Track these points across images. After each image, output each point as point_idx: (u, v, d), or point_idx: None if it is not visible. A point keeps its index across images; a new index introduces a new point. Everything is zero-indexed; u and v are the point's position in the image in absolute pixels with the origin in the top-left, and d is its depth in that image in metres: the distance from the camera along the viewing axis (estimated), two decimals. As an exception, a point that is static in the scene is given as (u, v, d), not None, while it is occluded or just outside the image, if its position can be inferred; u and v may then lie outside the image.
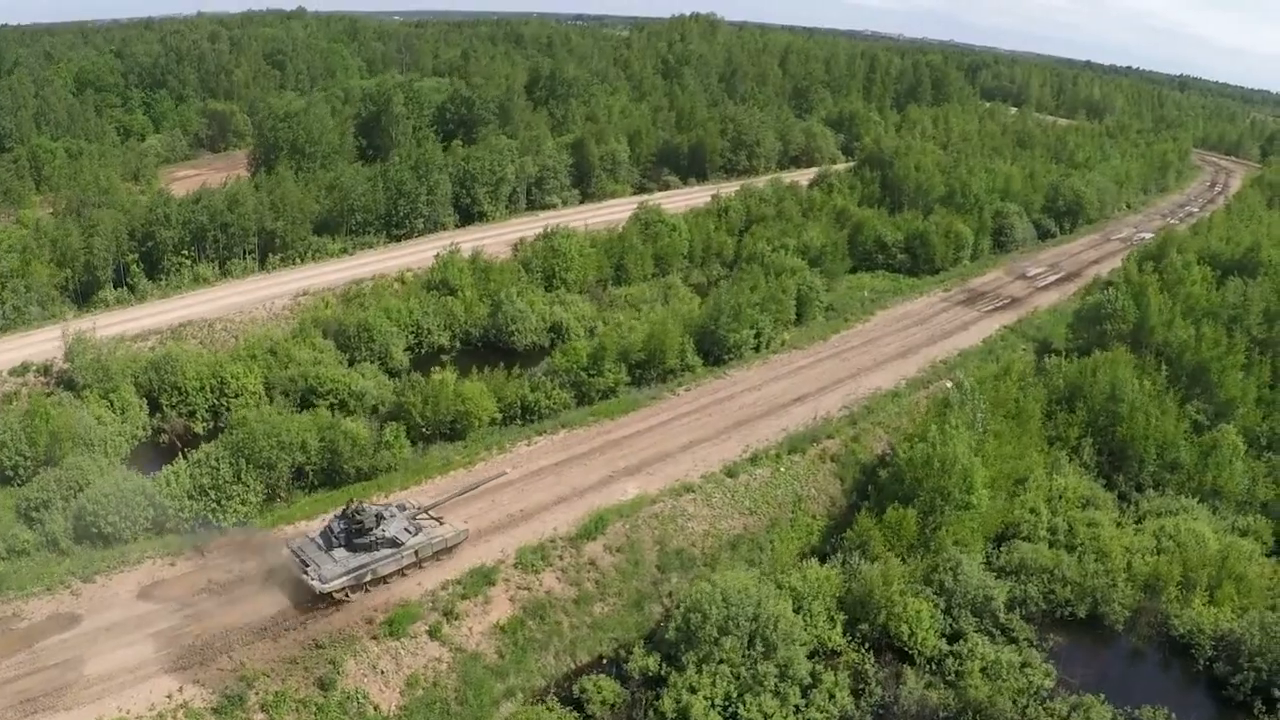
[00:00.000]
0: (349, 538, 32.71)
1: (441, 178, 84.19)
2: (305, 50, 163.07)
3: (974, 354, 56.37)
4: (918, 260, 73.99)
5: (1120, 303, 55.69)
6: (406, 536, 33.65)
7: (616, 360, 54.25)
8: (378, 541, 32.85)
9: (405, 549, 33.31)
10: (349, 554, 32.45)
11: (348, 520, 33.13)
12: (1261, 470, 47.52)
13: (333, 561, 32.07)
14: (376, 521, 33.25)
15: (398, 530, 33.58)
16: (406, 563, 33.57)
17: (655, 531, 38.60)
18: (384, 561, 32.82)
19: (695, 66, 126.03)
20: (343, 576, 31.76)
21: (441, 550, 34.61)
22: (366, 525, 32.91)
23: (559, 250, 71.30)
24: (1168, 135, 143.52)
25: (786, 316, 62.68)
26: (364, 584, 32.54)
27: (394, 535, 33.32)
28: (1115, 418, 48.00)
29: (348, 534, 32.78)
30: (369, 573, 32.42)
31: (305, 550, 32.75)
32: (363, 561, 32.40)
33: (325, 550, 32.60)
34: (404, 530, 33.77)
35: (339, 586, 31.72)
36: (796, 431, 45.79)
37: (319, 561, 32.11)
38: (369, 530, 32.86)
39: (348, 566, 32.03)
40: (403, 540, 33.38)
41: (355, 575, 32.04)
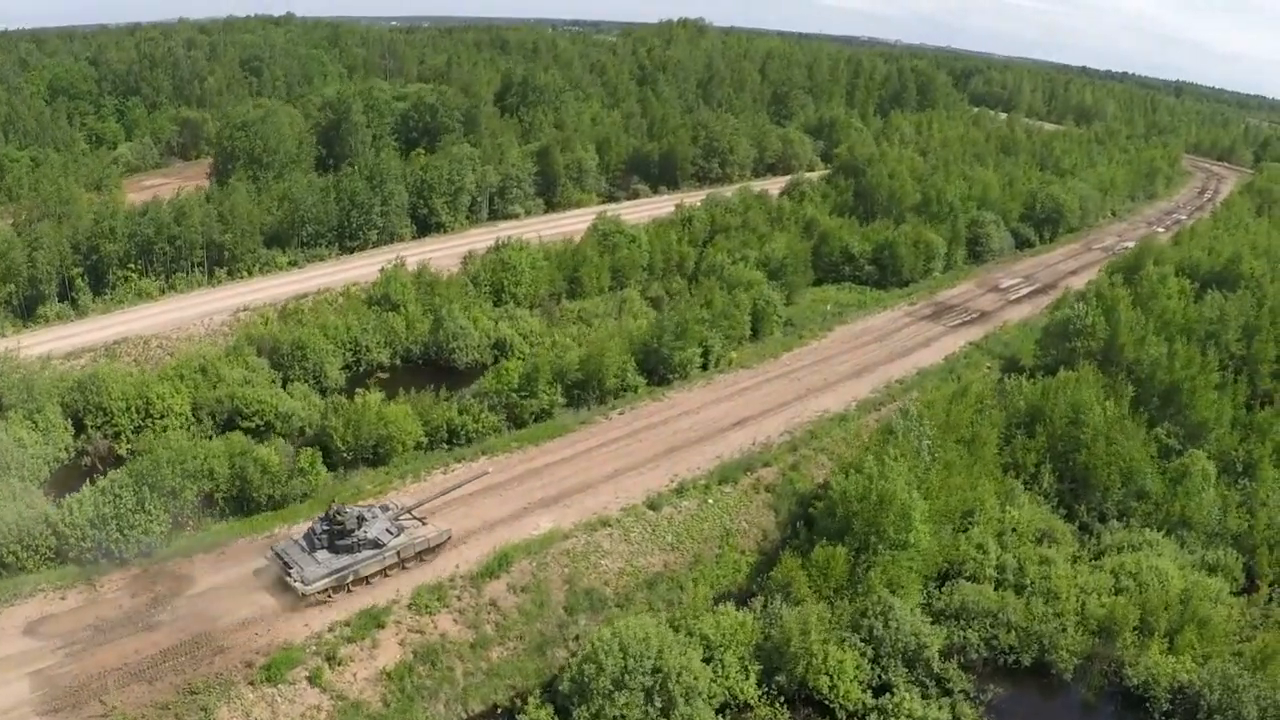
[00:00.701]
0: (331, 539, 32.88)
1: (397, 188, 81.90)
2: (283, 57, 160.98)
3: (934, 373, 53.24)
4: (885, 272, 70.93)
5: (1090, 318, 52.51)
6: (388, 537, 33.80)
7: (551, 381, 51.75)
8: (360, 543, 33.01)
9: (387, 550, 33.44)
10: (332, 555, 32.66)
11: (330, 522, 33.27)
12: (1234, 499, 44.23)
13: (315, 563, 32.29)
14: (358, 523, 33.43)
15: (379, 531, 33.71)
16: (389, 563, 33.65)
17: (565, 569, 35.91)
18: (366, 562, 32.99)
19: (673, 73, 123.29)
20: (325, 578, 31.95)
21: (424, 550, 34.64)
22: (348, 527, 33.06)
23: (508, 263, 68.68)
24: (1158, 141, 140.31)
25: (740, 332, 59.76)
26: (347, 584, 32.62)
27: (376, 536, 33.47)
28: (1077, 443, 44.85)
29: (330, 535, 32.92)
30: (351, 574, 32.59)
31: (288, 552, 32.92)
32: (345, 563, 32.54)
33: (308, 552, 32.78)
34: (386, 531, 33.90)
35: (321, 588, 31.86)
36: (731, 459, 42.83)
37: (302, 563, 32.29)
38: (351, 532, 32.99)
39: (330, 568, 32.22)
40: (385, 541, 33.54)
41: (338, 576, 32.23)
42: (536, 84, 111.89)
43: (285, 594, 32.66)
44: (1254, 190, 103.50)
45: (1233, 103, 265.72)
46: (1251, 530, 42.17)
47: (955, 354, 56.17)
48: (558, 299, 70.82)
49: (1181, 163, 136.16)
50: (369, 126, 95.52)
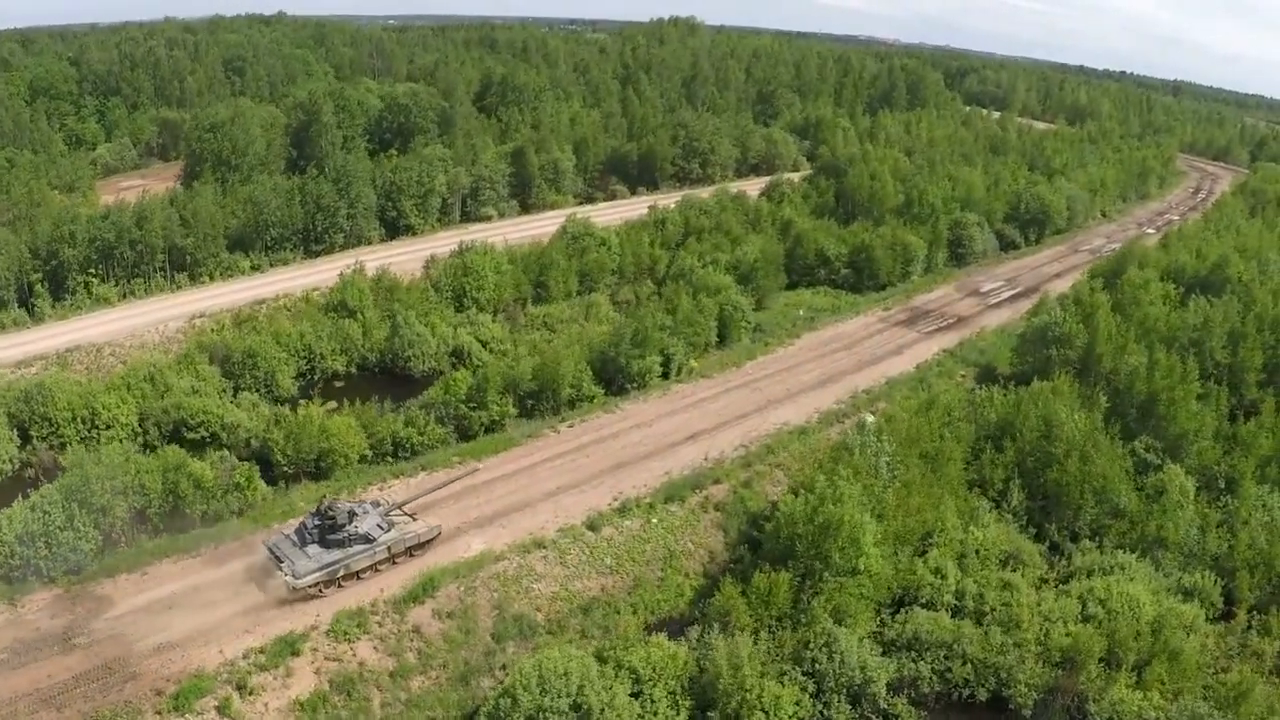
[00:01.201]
0: (322, 534, 33.08)
1: (364, 190, 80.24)
2: (267, 56, 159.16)
3: (903, 382, 50.96)
4: (861, 276, 68.64)
5: (1067, 325, 50.18)
6: (379, 532, 33.95)
7: (502, 392, 49.90)
8: (351, 538, 33.19)
9: (378, 545, 33.58)
10: (323, 550, 32.85)
11: (321, 517, 33.56)
12: (1214, 518, 41.88)
13: (306, 558, 32.48)
14: (349, 518, 33.65)
15: (370, 526, 33.86)
16: (380, 558, 33.75)
17: (495, 594, 34.07)
18: (357, 557, 33.15)
19: (657, 72, 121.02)
20: (316, 572, 32.15)
21: (415, 546, 34.70)
22: (339, 522, 33.30)
23: (471, 268, 66.75)
24: (1152, 140, 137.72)
25: (705, 339, 57.63)
26: (338, 579, 32.77)
27: (367, 531, 33.64)
28: (1049, 458, 42.55)
29: (321, 530, 33.15)
30: (342, 568, 32.80)
31: (280, 547, 33.15)
32: (336, 557, 32.75)
33: (299, 547, 32.96)
34: (377, 526, 34.03)
35: (312, 582, 32.04)
36: (680, 476, 40.71)
37: (293, 558, 32.49)
38: (342, 526, 33.20)
39: (321, 562, 32.41)
40: (375, 536, 33.69)
41: (329, 571, 32.46)
42: (516, 84, 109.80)
43: (201, 616, 31.54)
44: (1247, 190, 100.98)
45: (1231, 102, 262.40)
46: (1232, 551, 39.76)
47: (927, 362, 53.84)
48: (523, 304, 68.98)
49: (1176, 162, 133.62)
50: (340, 128, 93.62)
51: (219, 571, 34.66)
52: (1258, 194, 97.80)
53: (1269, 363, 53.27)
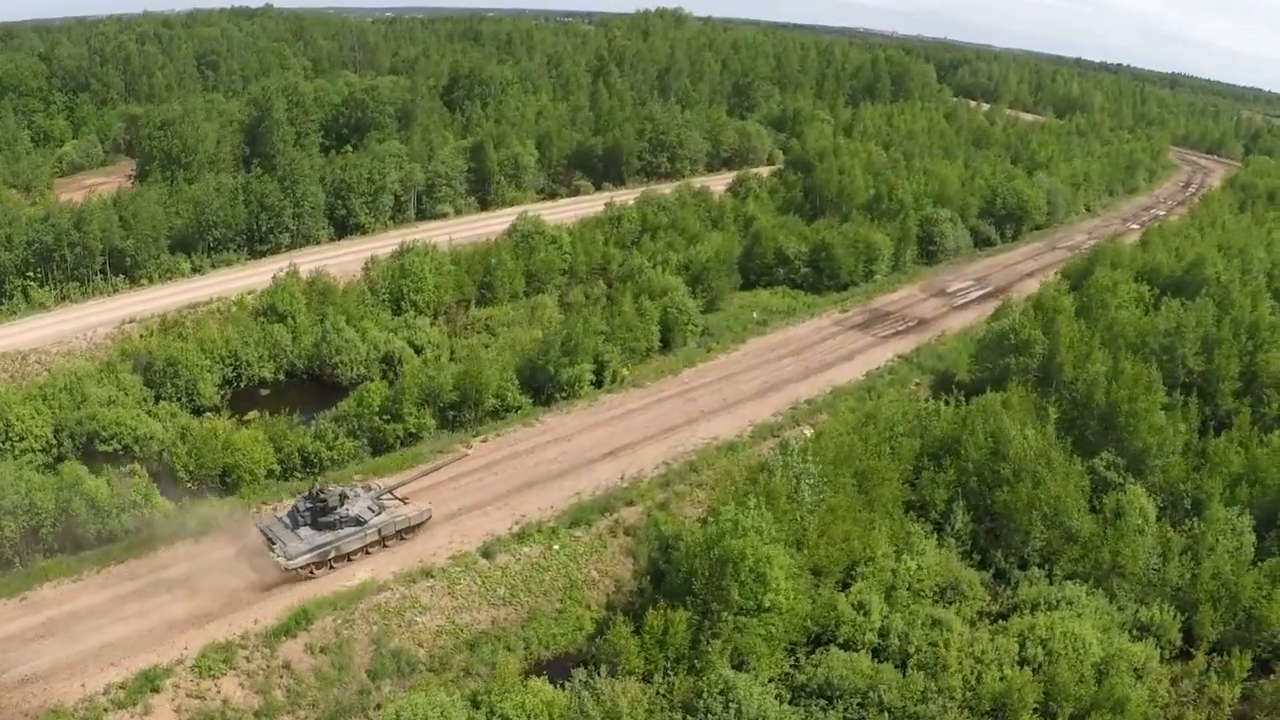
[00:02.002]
0: (314, 516, 33.42)
1: (312, 188, 77.40)
2: (241, 51, 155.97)
3: (850, 391, 47.56)
4: (822, 275, 65.15)
5: (1027, 331, 46.68)
6: (370, 515, 34.23)
7: (420, 403, 46.90)
8: (342, 520, 33.50)
9: (369, 527, 33.95)
10: (314, 532, 33.19)
11: (313, 500, 33.91)
12: (1178, 543, 38.46)
13: (298, 539, 32.86)
14: (341, 501, 33.91)
15: (361, 509, 34.09)
16: (370, 541, 34.07)
17: (374, 627, 31.27)
18: (348, 539, 33.44)
19: (631, 64, 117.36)
20: (307, 553, 32.49)
21: (405, 529, 34.96)
22: (331, 504, 33.58)
23: (410, 270, 63.74)
24: (1143, 133, 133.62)
25: (647, 344, 54.34)
26: (329, 561, 33.07)
27: (358, 514, 33.90)
28: (996, 478, 39.19)
29: (313, 513, 33.48)
30: (333, 550, 33.10)
31: (272, 529, 33.56)
32: (327, 539, 33.05)
33: (291, 529, 33.34)
34: (368, 509, 34.31)
35: (304, 563, 32.39)
36: (590, 497, 37.55)
37: (285, 540, 32.81)
38: (333, 509, 33.50)
39: (312, 544, 32.73)
40: (366, 519, 34.00)
41: (320, 552, 32.80)
42: (483, 77, 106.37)
43: (73, 645, 29.49)
44: (1237, 184, 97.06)
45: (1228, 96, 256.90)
46: (1195, 582, 36.38)
47: (879, 369, 50.37)
48: (466, 306, 65.99)
49: (1167, 155, 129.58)
50: (292, 124, 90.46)
51: (98, 597, 32.94)
52: (1248, 188, 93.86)
53: (1246, 370, 49.80)
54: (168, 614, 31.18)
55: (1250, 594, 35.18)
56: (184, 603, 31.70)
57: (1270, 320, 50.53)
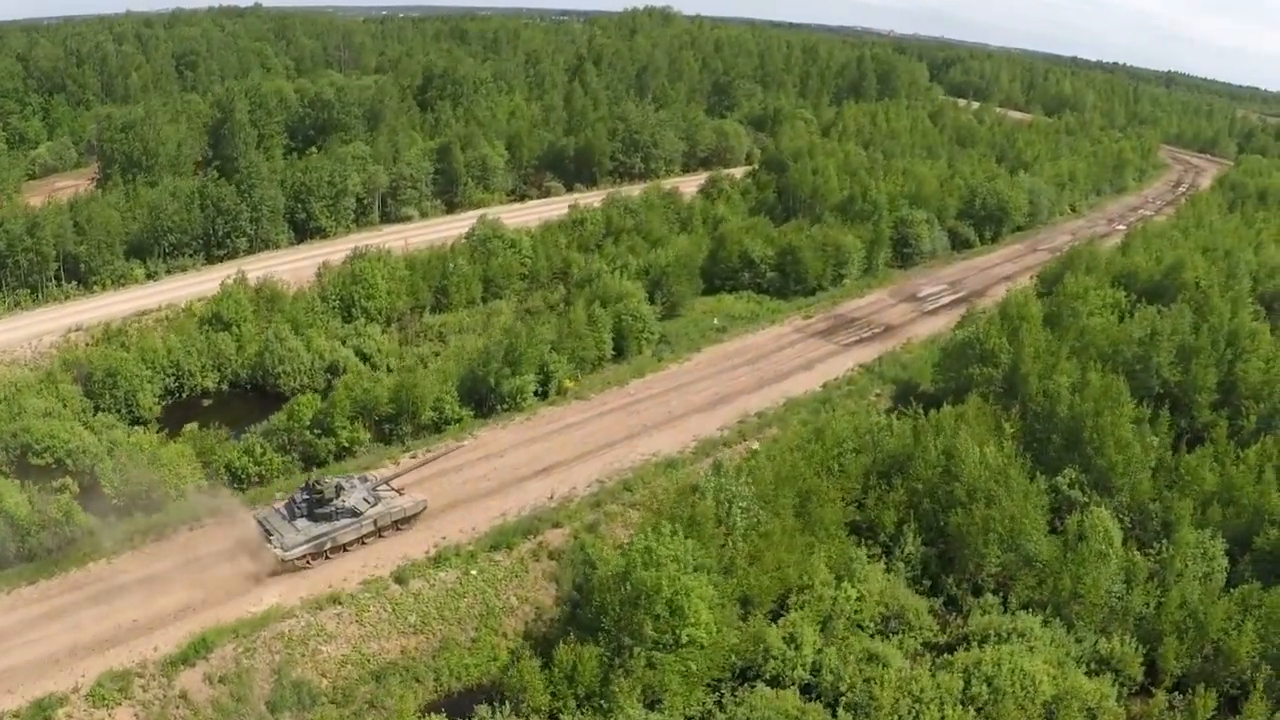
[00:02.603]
0: (310, 508, 33.55)
1: (271, 192, 75.56)
2: (221, 51, 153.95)
3: (804, 403, 45.13)
4: (788, 279, 62.71)
5: (991, 340, 44.19)
6: (366, 507, 34.30)
7: (354, 416, 44.77)
8: (338, 511, 33.55)
9: (365, 518, 33.93)
10: (311, 523, 33.25)
11: (310, 491, 34.10)
12: (1144, 568, 35.96)
13: (295, 530, 32.95)
14: (337, 492, 34.07)
15: (357, 501, 34.16)
16: (366, 531, 34.11)
17: (276, 656, 29.43)
18: (344, 530, 33.53)
19: (609, 63, 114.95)
20: (304, 544, 32.61)
21: (401, 520, 34.97)
22: (327, 496, 33.71)
23: (361, 276, 61.66)
24: (1133, 132, 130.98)
25: (599, 353, 52.00)
26: (325, 552, 33.22)
27: (354, 505, 33.94)
28: (950, 499, 36.74)
29: (309, 504, 33.62)
30: (329, 541, 33.18)
31: (269, 520, 33.69)
32: (324, 530, 33.14)
33: (288, 520, 33.44)
34: (363, 501, 34.39)
35: (300, 554, 32.50)
36: (515, 519, 35.36)
37: (282, 530, 32.94)
38: (329, 500, 33.61)
39: (309, 535, 32.85)
40: (362, 510, 34.04)
41: (316, 543, 32.92)
42: (456, 76, 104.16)
43: None
44: (1226, 184, 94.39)
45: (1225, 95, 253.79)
46: (1160, 612, 33.88)
47: (838, 379, 47.87)
48: (420, 313, 63.82)
49: (1158, 154, 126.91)
50: (254, 125, 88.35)
51: (5, 620, 31.45)
52: (1238, 188, 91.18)
53: (1224, 381, 47.21)
54: (72, 638, 29.63)
55: (1218, 625, 32.67)
56: (94, 625, 30.10)
57: (1250, 328, 47.90)
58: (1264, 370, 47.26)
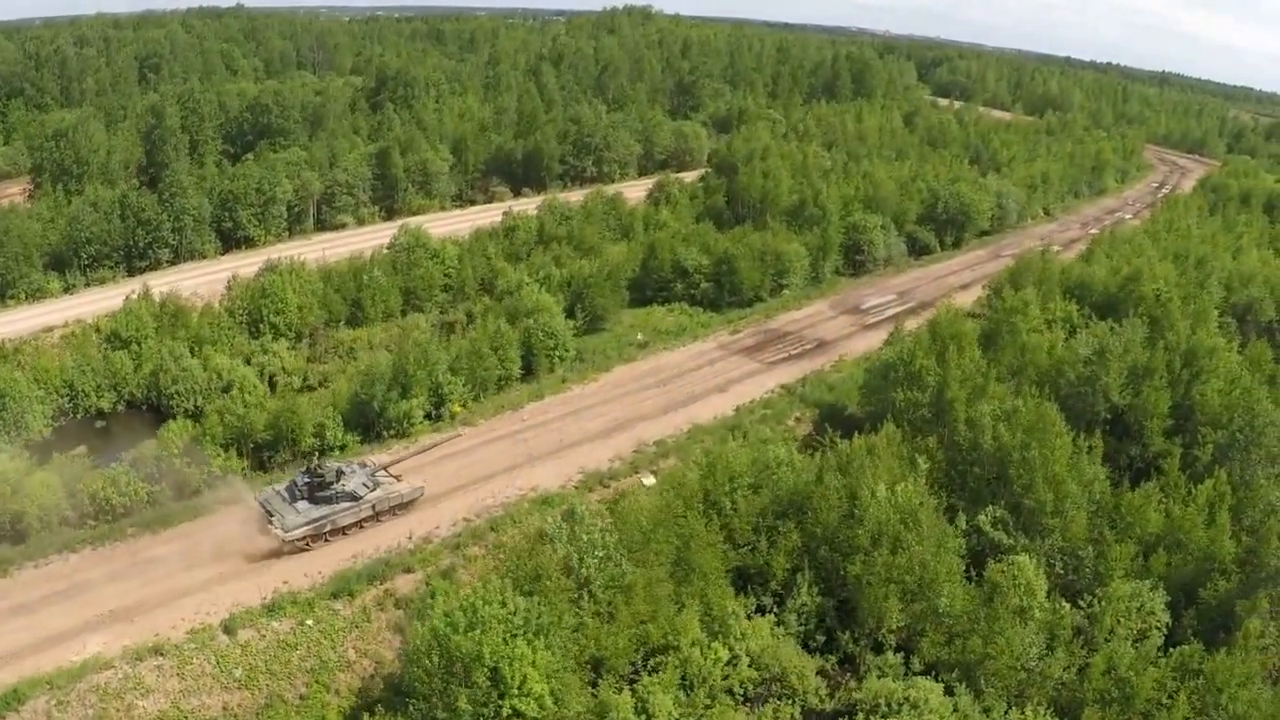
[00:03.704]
0: (311, 491, 33.97)
1: (195, 200, 72.27)
2: (185, 53, 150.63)
3: (712, 430, 40.93)
4: (723, 290, 58.55)
5: (917, 361, 39.92)
6: (365, 491, 34.65)
7: (227, 443, 41.55)
8: (338, 495, 33.96)
9: (363, 502, 34.31)
10: (311, 506, 33.68)
11: (311, 475, 34.48)
12: (1070, 623, 31.71)
13: (295, 512, 33.37)
14: (337, 476, 34.46)
15: (356, 485, 34.54)
16: (364, 515, 34.46)
17: (89, 711, 26.41)
18: (343, 514, 33.94)
19: (571, 63, 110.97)
20: (304, 526, 33.05)
21: (398, 505, 35.29)
22: (327, 480, 34.13)
23: (269, 290, 58.05)
24: (1117, 132, 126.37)
25: (503, 373, 48.01)
26: (324, 534, 33.65)
27: (353, 490, 34.31)
28: (850, 545, 32.56)
29: (310, 487, 34.05)
30: (329, 523, 33.63)
31: (271, 502, 34.11)
32: (323, 513, 33.54)
33: (289, 502, 33.88)
34: (363, 485, 34.76)
35: (300, 535, 32.94)
36: (362, 563, 31.91)
37: (283, 512, 33.41)
38: (330, 484, 34.02)
39: (309, 517, 33.26)
40: (361, 494, 34.41)
41: (316, 525, 33.35)
42: (408, 78, 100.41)
43: None
44: (1208, 186, 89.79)
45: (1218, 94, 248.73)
46: (1082, 677, 29.66)
47: (754, 402, 43.57)
48: (334, 327, 60.05)
49: (1144, 155, 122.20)
50: (186, 131, 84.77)
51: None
52: (1219, 190, 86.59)
53: (1180, 404, 42.81)
54: None
55: (1148, 695, 28.43)
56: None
57: (1209, 345, 43.49)
58: (1224, 393, 42.88)
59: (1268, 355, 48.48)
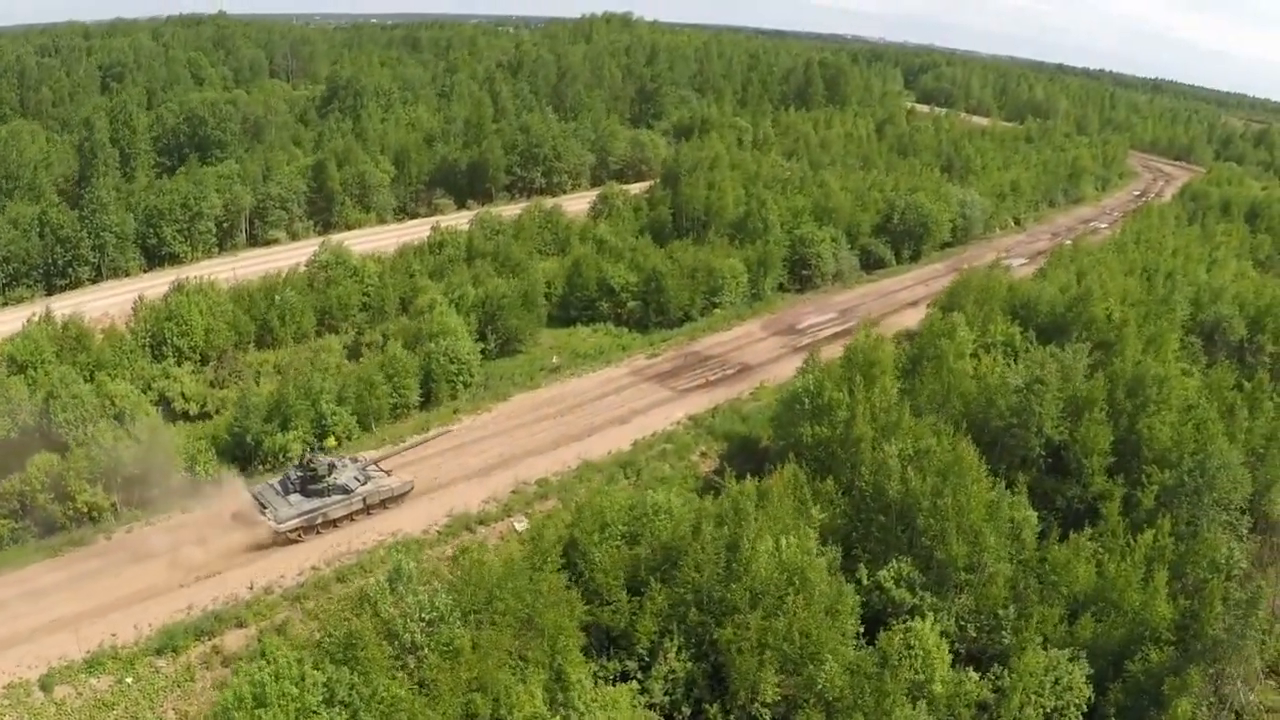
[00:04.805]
0: (304, 484, 34.33)
1: (118, 217, 69.30)
2: (150, 62, 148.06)
3: (601, 467, 37.06)
4: (649, 309, 54.73)
5: (826, 395, 35.96)
6: (356, 485, 34.98)
7: (95, 478, 38.48)
8: (330, 488, 34.33)
9: (354, 496, 34.71)
10: (303, 499, 34.09)
11: (304, 468, 34.78)
12: (973, 697, 27.70)
13: (288, 505, 33.75)
14: (329, 470, 34.73)
15: (348, 479, 34.84)
16: (355, 508, 34.81)
17: None
18: (334, 506, 34.25)
19: (531, 71, 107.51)
20: (296, 518, 33.40)
21: (389, 499, 35.62)
22: (320, 473, 34.40)
23: (175, 311, 54.81)
24: (1097, 138, 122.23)
25: (398, 400, 44.39)
26: (316, 526, 33.91)
27: (344, 483, 34.66)
28: (725, 606, 28.65)
29: (303, 480, 34.38)
30: (320, 516, 33.94)
31: (264, 495, 34.46)
32: (315, 505, 33.91)
33: (283, 495, 34.27)
34: (354, 479, 35.04)
35: (292, 527, 33.23)
36: (193, 616, 28.61)
37: (276, 505, 33.76)
38: (322, 478, 34.31)
39: (301, 509, 33.65)
40: (352, 488, 34.79)
41: (307, 517, 33.68)
42: (358, 87, 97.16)
43: None
44: (1188, 194, 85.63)
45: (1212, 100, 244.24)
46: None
47: (655, 435, 39.60)
48: (244, 349, 56.58)
49: (1127, 162, 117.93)
50: (115, 144, 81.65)
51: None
52: (1199, 198, 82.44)
53: (1124, 439, 38.65)
54: None
55: (1054, 791, 24.55)
56: None
57: (1156, 373, 39.39)
58: (1176, 426, 38.74)
59: (1229, 382, 44.30)
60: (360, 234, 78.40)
